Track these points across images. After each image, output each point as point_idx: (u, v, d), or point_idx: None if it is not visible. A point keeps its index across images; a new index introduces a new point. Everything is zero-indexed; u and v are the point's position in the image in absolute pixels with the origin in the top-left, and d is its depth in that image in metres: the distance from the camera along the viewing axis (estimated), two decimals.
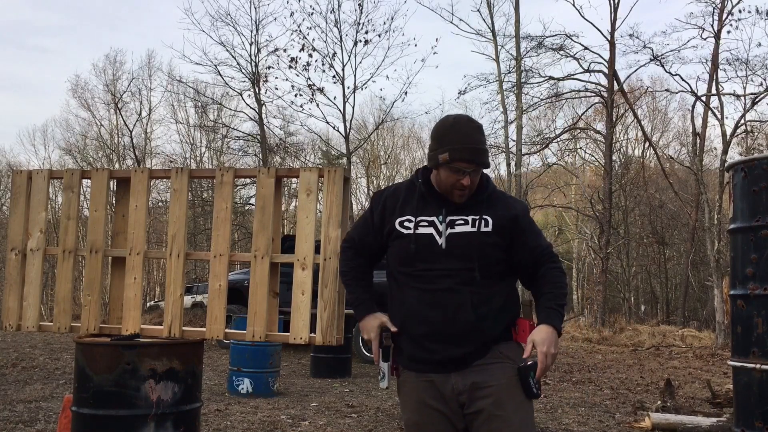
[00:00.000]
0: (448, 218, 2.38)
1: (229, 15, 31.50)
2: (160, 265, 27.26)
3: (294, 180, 5.20)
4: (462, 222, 2.38)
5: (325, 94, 19.16)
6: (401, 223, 2.41)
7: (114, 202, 4.27)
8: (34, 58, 51.79)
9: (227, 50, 21.03)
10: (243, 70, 20.77)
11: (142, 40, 49.26)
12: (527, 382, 2.32)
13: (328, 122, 21.14)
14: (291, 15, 21.50)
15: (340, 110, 19.42)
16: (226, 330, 3.59)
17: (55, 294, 4.06)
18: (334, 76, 19.27)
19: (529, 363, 2.32)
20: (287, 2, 24.27)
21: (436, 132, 2.40)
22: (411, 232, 2.39)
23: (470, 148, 2.31)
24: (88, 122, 30.16)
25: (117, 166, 27.64)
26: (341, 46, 19.49)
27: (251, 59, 20.53)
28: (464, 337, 2.33)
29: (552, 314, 2.35)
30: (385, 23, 27.39)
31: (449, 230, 2.36)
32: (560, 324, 2.35)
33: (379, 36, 20.29)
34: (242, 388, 7.73)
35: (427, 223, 2.39)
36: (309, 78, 19.57)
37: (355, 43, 19.22)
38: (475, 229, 2.36)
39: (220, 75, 21.30)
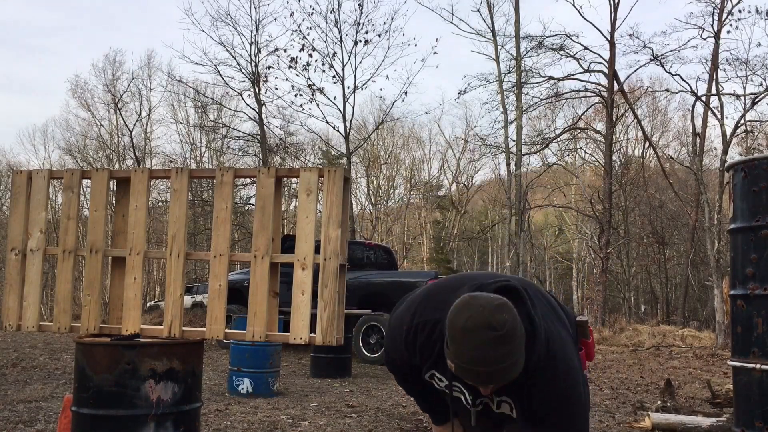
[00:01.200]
0: (477, 400, 2.18)
1: (229, 15, 31.50)
2: (160, 265, 27.27)
3: (294, 180, 5.20)
4: (484, 404, 2.20)
5: (325, 94, 19.21)
6: (432, 377, 2.21)
7: (114, 202, 4.27)
8: (34, 58, 51.80)
9: (227, 50, 21.06)
10: (243, 70, 20.80)
11: (142, 40, 49.31)
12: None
13: (328, 122, 21.19)
14: (291, 15, 21.54)
15: (340, 110, 19.45)
16: (226, 330, 3.59)
17: (55, 294, 4.06)
18: (334, 76, 19.30)
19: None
20: (287, 2, 24.30)
21: (449, 325, 1.93)
22: (442, 388, 2.21)
23: (477, 372, 1.88)
24: (88, 122, 30.20)
25: (117, 166, 27.65)
26: (341, 46, 19.52)
27: (251, 59, 20.55)
28: None
29: None
30: (385, 23, 27.45)
31: (475, 409, 2.21)
32: None
33: (379, 36, 20.33)
34: (242, 388, 7.73)
35: (457, 389, 2.19)
36: (309, 78, 19.62)
37: (355, 43, 19.25)
38: (497, 411, 2.16)
39: (220, 75, 21.33)
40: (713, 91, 19.12)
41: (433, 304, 2.15)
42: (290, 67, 19.16)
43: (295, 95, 19.22)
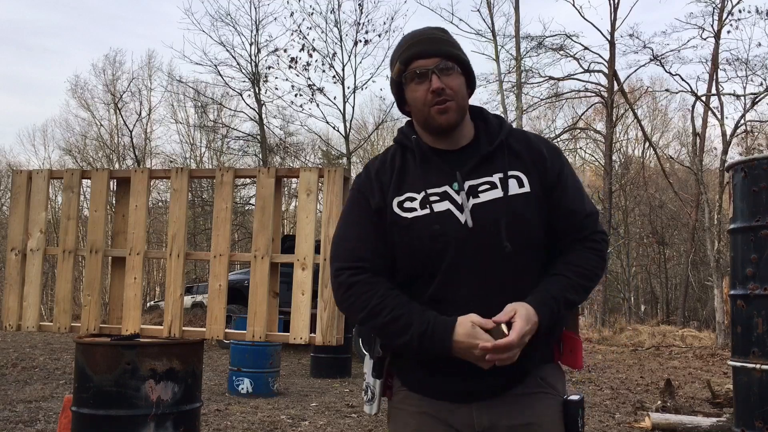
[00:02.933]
0: (467, 184, 1.70)
1: (229, 15, 31.50)
2: (160, 265, 27.27)
3: (294, 180, 5.20)
4: (486, 186, 1.70)
5: (325, 94, 19.17)
6: (400, 205, 1.71)
7: (114, 202, 4.27)
8: (34, 58, 51.81)
9: (227, 50, 21.04)
10: (243, 70, 20.78)
11: (142, 40, 49.27)
12: (575, 424, 1.74)
13: (328, 122, 21.21)
14: (291, 15, 21.56)
15: (340, 110, 19.43)
16: (226, 330, 3.59)
17: (55, 294, 4.06)
18: (334, 76, 19.28)
19: (576, 398, 1.77)
20: (287, 2, 24.27)
21: (390, 61, 1.81)
22: (423, 212, 1.69)
23: (421, 40, 1.73)
24: (88, 122, 30.17)
25: (117, 166, 27.65)
26: (341, 46, 19.50)
27: (251, 59, 20.53)
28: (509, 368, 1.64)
29: (546, 302, 1.66)
30: (385, 23, 27.50)
31: (472, 200, 1.69)
32: (547, 318, 1.65)
33: (379, 36, 20.39)
34: (242, 388, 7.73)
35: (437, 197, 1.70)
36: (309, 78, 19.62)
37: (355, 43, 19.23)
38: (503, 194, 1.70)
39: (220, 75, 21.31)
40: (713, 91, 19.11)
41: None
42: (290, 67, 19.15)
43: (295, 95, 19.21)
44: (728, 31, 18.91)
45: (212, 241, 3.64)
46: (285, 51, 19.42)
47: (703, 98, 19.51)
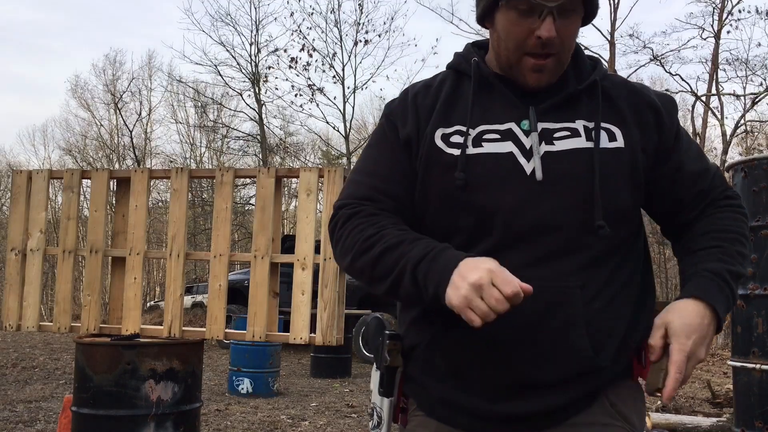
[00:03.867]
0: (540, 126, 1.28)
1: (229, 15, 31.52)
2: (160, 265, 27.28)
3: (294, 180, 5.21)
4: (566, 132, 1.28)
5: (325, 94, 19.20)
6: (445, 139, 1.30)
7: (114, 202, 4.28)
8: (33, 58, 51.82)
9: (227, 50, 21.05)
10: (243, 70, 20.79)
11: (142, 40, 49.28)
12: None
13: (328, 122, 21.22)
14: (291, 15, 21.56)
15: (340, 110, 19.45)
16: (226, 330, 3.60)
17: (55, 294, 4.06)
18: (334, 76, 19.29)
19: None
20: (287, 2, 24.31)
21: None
22: (475, 150, 1.28)
23: None
24: (88, 122, 30.16)
25: (117, 166, 27.64)
26: (341, 46, 19.51)
27: (251, 59, 20.54)
28: (565, 378, 1.24)
29: (711, 284, 1.24)
30: (385, 23, 27.47)
31: (545, 147, 1.26)
32: (724, 306, 1.23)
33: (379, 36, 20.33)
34: (242, 388, 7.73)
35: (498, 135, 1.28)
36: (309, 78, 19.65)
37: (355, 43, 19.24)
38: (591, 145, 1.27)
39: (220, 75, 21.32)
40: (713, 91, 19.11)
41: None
42: (290, 67, 19.16)
43: (295, 95, 19.22)
44: (728, 31, 18.90)
45: (212, 241, 3.64)
46: (285, 51, 19.44)
47: (703, 98, 19.52)
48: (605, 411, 1.27)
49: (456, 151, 1.28)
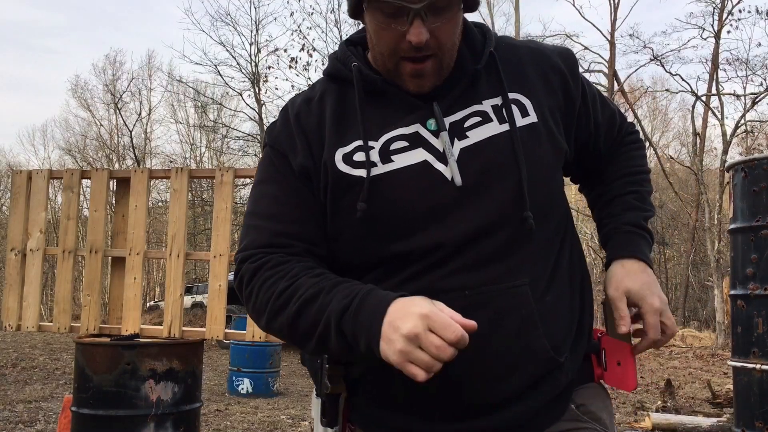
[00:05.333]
0: (448, 122, 1.15)
1: (229, 15, 31.57)
2: (160, 265, 27.28)
3: None
4: (476, 119, 1.15)
5: None
6: (348, 159, 1.15)
7: (114, 202, 4.28)
8: (33, 58, 51.83)
9: (227, 50, 21.11)
10: (243, 70, 20.81)
11: (142, 40, 49.30)
12: None
13: None
14: (291, 15, 21.61)
15: None
16: (226, 330, 3.59)
17: (55, 294, 4.06)
18: None
19: None
20: (287, 2, 24.34)
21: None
22: (385, 168, 1.13)
23: None
24: (88, 122, 30.18)
25: (117, 166, 27.65)
26: None
27: (251, 59, 20.56)
28: (529, 384, 1.14)
29: (639, 239, 1.26)
30: None
31: (459, 144, 1.14)
32: (650, 255, 1.26)
33: None
34: (242, 388, 7.73)
35: (406, 142, 1.14)
36: (309, 78, 19.60)
37: None
38: (506, 127, 1.15)
39: (220, 75, 21.39)
40: (713, 91, 19.12)
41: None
42: (290, 67, 19.17)
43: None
44: (728, 31, 18.91)
45: (212, 241, 3.64)
46: (285, 51, 19.47)
47: (703, 98, 19.52)
48: (573, 415, 1.19)
49: (363, 173, 1.12)
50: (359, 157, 1.14)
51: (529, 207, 1.12)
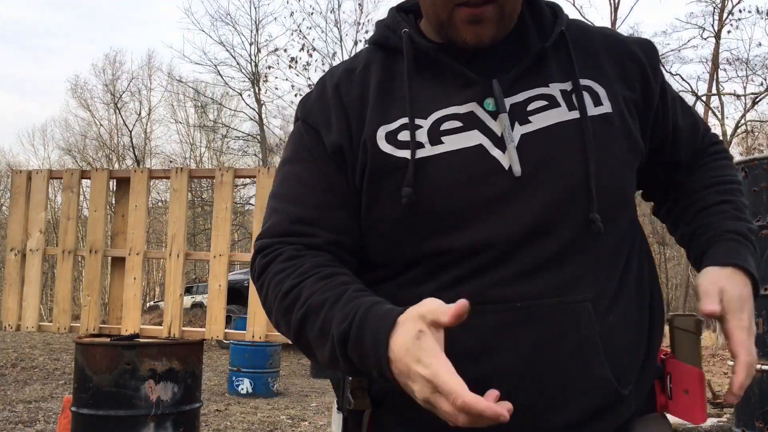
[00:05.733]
0: (509, 103, 1.00)
1: (228, 15, 31.58)
2: (160, 265, 27.29)
3: None
4: (541, 102, 1.01)
5: None
6: (391, 138, 1.01)
7: (114, 202, 4.28)
8: (33, 57, 51.84)
9: (227, 50, 21.14)
10: (243, 70, 20.84)
11: (142, 40, 49.30)
12: None
13: None
14: (291, 15, 21.64)
15: None
16: (226, 330, 3.59)
17: (54, 294, 4.06)
18: None
19: None
20: (287, 2, 24.36)
21: None
22: (433, 150, 0.99)
23: None
24: (88, 122, 30.19)
25: (117, 166, 27.66)
26: (341, 45, 19.55)
27: (251, 59, 20.58)
28: (584, 417, 0.97)
29: (743, 248, 1.05)
30: None
31: (520, 129, 0.99)
32: (756, 278, 1.03)
33: None
34: (242, 389, 7.73)
35: (459, 123, 1.00)
36: (309, 78, 19.63)
37: (356, 43, 19.26)
38: (575, 115, 1.00)
39: (220, 75, 21.41)
40: (713, 90, 19.13)
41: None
42: (290, 67, 19.19)
43: (295, 95, 19.26)
44: (728, 31, 18.93)
45: (212, 241, 3.63)
46: (285, 51, 19.50)
47: (704, 98, 19.52)
48: None
49: (407, 154, 0.98)
50: (404, 136, 0.99)
51: (597, 208, 0.97)
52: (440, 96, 1.01)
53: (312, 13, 22.12)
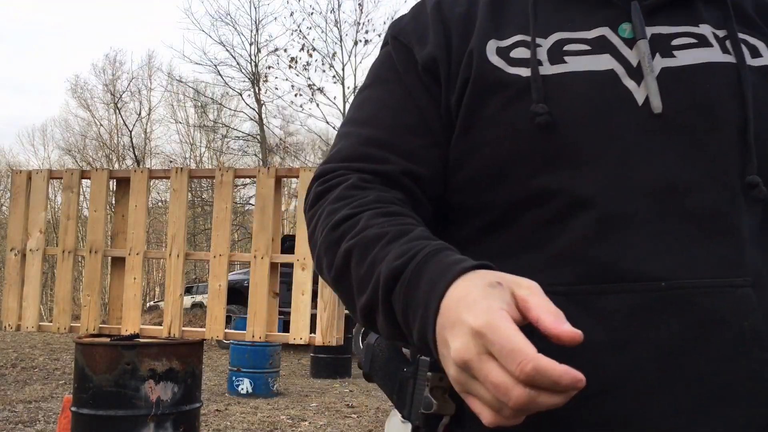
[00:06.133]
0: (650, 31, 0.81)
1: (228, 15, 31.56)
2: (160, 265, 27.30)
3: (294, 180, 5.21)
4: (689, 39, 0.82)
5: (325, 94, 19.22)
6: (503, 54, 0.83)
7: (114, 202, 4.28)
8: (33, 57, 51.86)
9: (227, 50, 21.12)
10: (243, 70, 20.82)
11: (142, 40, 49.30)
12: None
13: (328, 122, 21.18)
14: (291, 15, 21.61)
15: (340, 110, 19.45)
16: (226, 330, 3.59)
17: (54, 294, 4.06)
18: (334, 76, 19.31)
19: None
20: (287, 2, 24.35)
21: None
22: (553, 69, 0.80)
23: None
24: (88, 122, 30.19)
25: (117, 166, 27.66)
26: (341, 45, 19.60)
27: (251, 59, 20.57)
28: (745, 423, 0.73)
29: None
30: (385, 23, 27.42)
31: (661, 62, 0.80)
32: None
33: (379, 36, 20.32)
34: (242, 389, 7.73)
35: (586, 46, 0.82)
36: (309, 78, 19.68)
37: (355, 43, 19.27)
38: (731, 59, 0.82)
39: (220, 75, 21.36)
40: None
41: None
42: (290, 67, 19.18)
43: (295, 95, 19.25)
44: None
45: (212, 241, 3.64)
46: (285, 51, 19.47)
47: None
48: None
49: (524, 71, 0.79)
50: (519, 53, 0.81)
51: (756, 170, 0.77)
52: (565, 17, 0.84)
53: (312, 13, 22.12)
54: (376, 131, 0.85)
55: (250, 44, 20.63)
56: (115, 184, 4.06)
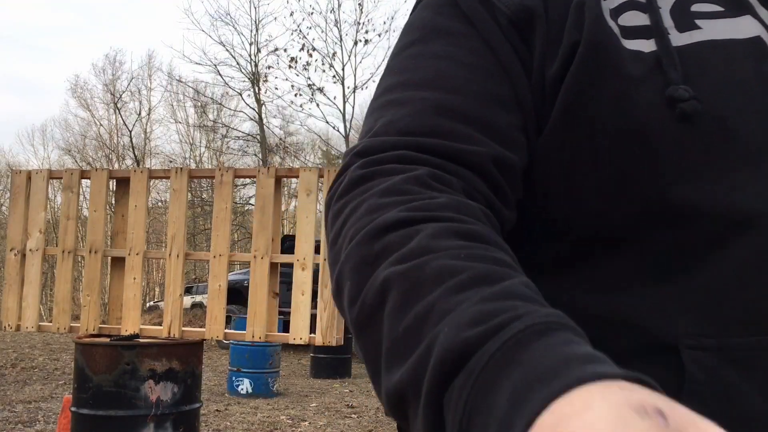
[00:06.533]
0: None
1: (228, 15, 31.56)
2: (160, 265, 27.29)
3: (294, 180, 5.23)
4: None
5: (325, 94, 19.23)
6: (616, 16, 0.59)
7: (113, 202, 4.28)
8: (33, 57, 51.85)
9: (227, 50, 21.11)
10: (243, 70, 20.82)
11: (142, 40, 49.30)
12: None
13: (328, 122, 21.22)
14: (291, 15, 21.61)
15: (340, 110, 19.47)
16: (226, 330, 3.59)
17: (54, 294, 4.06)
18: (334, 76, 19.32)
19: None
20: (287, 2, 24.34)
21: None
22: (682, 40, 0.57)
23: None
24: (88, 122, 30.19)
25: (116, 166, 27.65)
26: (341, 45, 19.59)
27: (251, 59, 20.57)
28: None
29: None
30: (385, 23, 27.47)
31: None
32: None
33: (379, 36, 20.40)
34: (242, 389, 7.73)
35: (719, 7, 0.60)
36: (309, 78, 19.68)
37: (355, 43, 19.27)
38: None
39: (220, 75, 21.39)
40: None
41: None
42: (290, 66, 19.18)
43: (295, 95, 19.26)
44: None
45: (212, 241, 3.63)
46: (285, 51, 19.48)
47: None
48: None
49: (645, 45, 0.58)
50: (634, 19, 0.60)
51: None
52: None
53: (312, 13, 22.09)
54: (450, 97, 0.57)
55: (250, 44, 20.64)
56: (114, 184, 4.06)
